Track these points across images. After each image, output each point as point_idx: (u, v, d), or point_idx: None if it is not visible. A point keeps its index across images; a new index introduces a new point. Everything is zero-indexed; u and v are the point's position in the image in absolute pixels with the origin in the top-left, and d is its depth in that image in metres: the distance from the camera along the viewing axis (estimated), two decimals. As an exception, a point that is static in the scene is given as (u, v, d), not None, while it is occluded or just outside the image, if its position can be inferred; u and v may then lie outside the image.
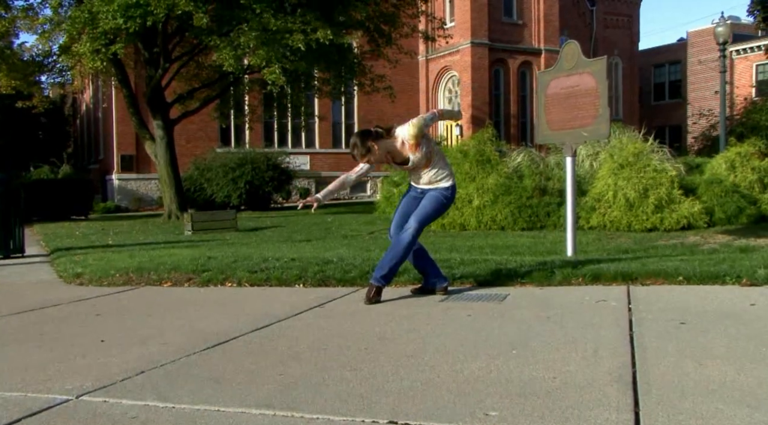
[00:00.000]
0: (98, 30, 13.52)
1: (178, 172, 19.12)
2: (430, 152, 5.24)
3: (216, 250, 9.62)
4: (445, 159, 5.46)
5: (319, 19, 14.38)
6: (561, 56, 8.05)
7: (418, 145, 5.15)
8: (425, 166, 5.27)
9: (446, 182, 5.32)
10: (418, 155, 5.19)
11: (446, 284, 5.48)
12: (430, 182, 5.31)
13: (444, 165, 5.35)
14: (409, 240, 5.23)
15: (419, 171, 5.29)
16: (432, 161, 5.27)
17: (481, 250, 8.97)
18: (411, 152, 5.18)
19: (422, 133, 5.15)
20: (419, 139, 5.13)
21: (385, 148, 5.12)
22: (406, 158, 5.20)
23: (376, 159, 5.14)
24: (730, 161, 12.63)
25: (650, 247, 9.01)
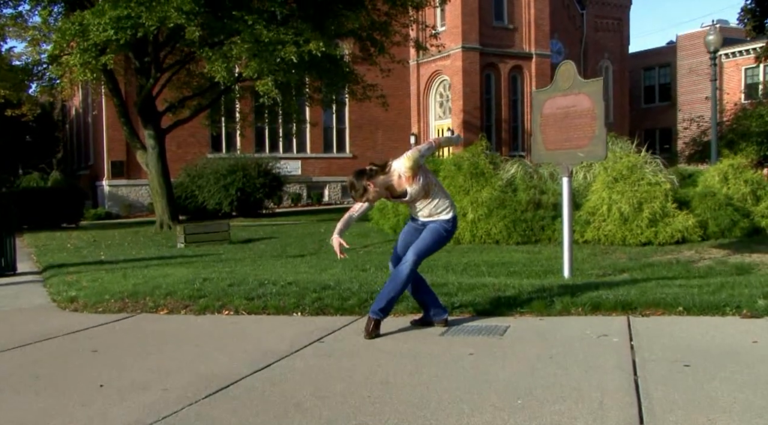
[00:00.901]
0: (88, 42, 13.42)
1: (169, 182, 19.02)
2: (428, 183, 5.21)
3: (210, 268, 9.56)
4: (444, 190, 5.43)
5: (311, 30, 14.33)
6: (557, 76, 8.03)
7: (414, 177, 5.13)
8: (424, 198, 5.24)
9: (447, 214, 5.29)
10: (415, 187, 5.16)
11: (445, 316, 5.45)
12: (431, 215, 5.28)
13: (444, 196, 5.32)
14: (407, 273, 5.19)
15: (419, 203, 5.26)
16: (431, 193, 5.24)
17: (477, 268, 8.93)
18: (408, 184, 5.15)
19: (418, 165, 5.13)
20: (416, 171, 5.11)
21: (382, 184, 5.10)
22: (404, 191, 5.17)
23: (374, 198, 5.13)
24: (723, 173, 12.66)
25: (646, 264, 9.00)
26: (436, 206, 5.27)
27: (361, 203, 5.19)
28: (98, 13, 13.07)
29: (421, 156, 5.16)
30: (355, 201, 5.20)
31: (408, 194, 5.18)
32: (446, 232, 5.30)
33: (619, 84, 42.02)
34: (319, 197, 34.17)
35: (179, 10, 12.83)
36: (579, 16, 40.32)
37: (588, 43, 40.56)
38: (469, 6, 32.43)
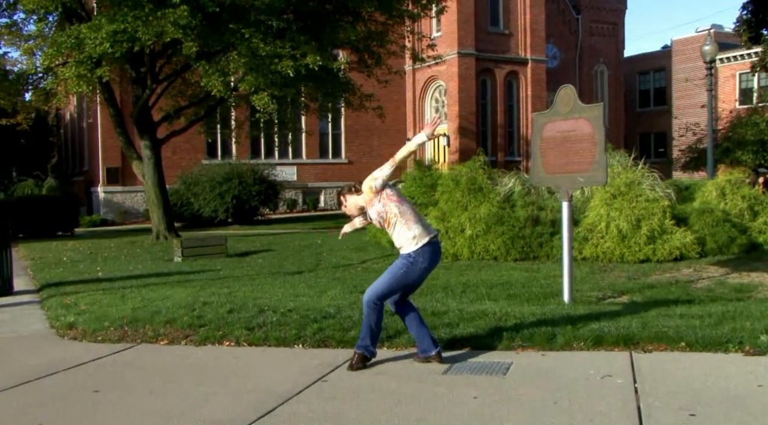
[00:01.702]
0: (84, 55, 13.36)
1: (166, 192, 18.97)
2: (386, 212, 5.09)
3: (209, 289, 9.52)
4: (414, 219, 5.11)
5: (308, 42, 14.29)
6: (556, 100, 8.02)
7: (371, 201, 5.14)
8: (387, 226, 5.17)
9: (408, 247, 5.10)
10: (371, 211, 5.18)
11: (438, 350, 5.35)
12: (399, 246, 5.22)
13: (406, 229, 5.07)
14: (366, 312, 5.22)
15: (388, 230, 5.24)
16: (391, 223, 5.11)
17: (476, 289, 8.93)
18: (368, 206, 5.20)
19: (372, 190, 5.06)
20: (370, 196, 5.11)
21: (353, 203, 5.24)
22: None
23: (351, 213, 5.32)
24: (721, 188, 12.69)
25: (645, 285, 9.00)
26: (399, 238, 5.15)
27: (354, 219, 5.43)
28: (94, 27, 13.02)
29: (375, 179, 5.06)
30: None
31: (368, 215, 5.27)
32: (405, 267, 5.08)
33: (614, 88, 42.11)
34: (315, 203, 34.13)
35: (176, 25, 12.79)
36: (574, 20, 40.37)
37: (583, 47, 40.61)
38: (464, 12, 32.43)
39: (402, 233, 5.08)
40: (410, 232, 5.06)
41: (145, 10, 13.08)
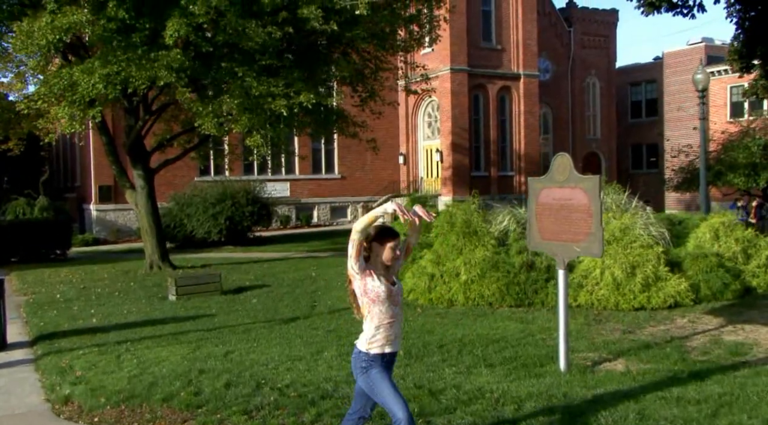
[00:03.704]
0: (77, 96, 13.31)
1: (159, 221, 18.92)
2: (361, 297, 4.65)
3: (204, 347, 9.49)
4: (379, 316, 4.63)
5: (302, 79, 14.28)
6: (552, 167, 8.04)
7: (351, 281, 4.70)
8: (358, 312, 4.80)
9: (360, 343, 4.74)
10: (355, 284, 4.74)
11: None
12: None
13: (369, 321, 4.66)
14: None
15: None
16: (361, 310, 4.71)
17: (472, 348, 8.95)
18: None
19: (351, 272, 4.62)
20: (352, 276, 4.66)
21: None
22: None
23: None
24: (714, 229, 12.74)
25: (641, 345, 9.00)
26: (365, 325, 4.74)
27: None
28: (87, 70, 12.98)
29: (350, 268, 4.61)
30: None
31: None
32: (372, 376, 4.66)
33: (607, 100, 42.28)
34: (309, 219, 34.13)
35: (169, 68, 12.76)
36: (566, 33, 40.49)
37: (575, 60, 40.75)
38: (457, 28, 32.45)
39: (365, 325, 4.70)
40: (371, 324, 4.64)
41: (138, 51, 13.06)
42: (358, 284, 4.59)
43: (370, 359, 4.64)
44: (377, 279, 4.59)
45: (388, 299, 4.59)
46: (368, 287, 4.58)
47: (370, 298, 4.58)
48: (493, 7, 34.53)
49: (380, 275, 4.62)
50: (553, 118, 40.29)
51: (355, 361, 4.74)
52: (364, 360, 4.66)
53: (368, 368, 4.64)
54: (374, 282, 4.58)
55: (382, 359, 4.67)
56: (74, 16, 12.43)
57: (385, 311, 4.63)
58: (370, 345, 4.64)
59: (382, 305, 4.60)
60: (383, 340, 4.65)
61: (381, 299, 4.58)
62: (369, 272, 4.60)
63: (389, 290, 4.61)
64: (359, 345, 4.71)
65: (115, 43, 13.04)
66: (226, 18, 13.05)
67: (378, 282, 4.58)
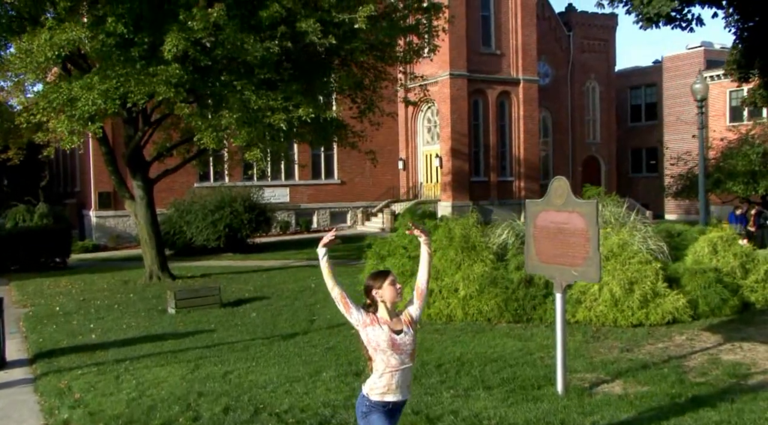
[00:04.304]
0: (77, 111, 13.33)
1: (159, 231, 18.95)
2: (368, 347, 4.63)
3: (203, 368, 9.51)
4: (382, 364, 4.60)
5: (301, 92, 14.29)
6: (550, 190, 8.06)
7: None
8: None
9: (365, 383, 4.71)
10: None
11: None
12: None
13: (375, 367, 4.64)
14: None
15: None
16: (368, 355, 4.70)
17: (470, 368, 8.98)
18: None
19: (353, 322, 4.64)
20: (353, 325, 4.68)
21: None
22: None
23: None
24: (713, 244, 12.75)
25: (638, 364, 9.03)
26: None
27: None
28: (86, 86, 12.99)
29: (345, 315, 4.66)
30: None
31: None
32: (360, 415, 4.67)
33: (606, 104, 42.28)
34: (308, 225, 34.15)
35: (168, 83, 12.78)
36: (566, 37, 40.51)
37: (575, 64, 40.76)
38: (456, 33, 32.43)
39: (373, 370, 4.68)
40: (375, 373, 4.64)
41: (137, 66, 13.08)
42: (362, 333, 4.58)
43: (371, 404, 4.60)
44: (380, 327, 4.53)
45: (390, 348, 4.52)
46: (370, 337, 4.55)
47: (372, 347, 4.56)
48: (493, 12, 34.55)
49: (385, 323, 4.55)
50: (552, 122, 40.31)
51: (357, 404, 4.73)
52: (365, 404, 4.63)
53: (368, 413, 4.61)
54: (375, 331, 4.53)
55: (383, 406, 4.59)
56: (73, 32, 12.45)
57: (387, 360, 4.55)
58: (371, 390, 4.61)
59: (383, 354, 4.54)
60: (384, 388, 4.57)
61: (382, 348, 4.53)
62: (372, 321, 4.56)
63: (391, 340, 4.52)
64: (363, 387, 4.69)
65: (114, 57, 13.06)
66: (224, 32, 13.07)
67: (380, 331, 4.52)
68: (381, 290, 4.59)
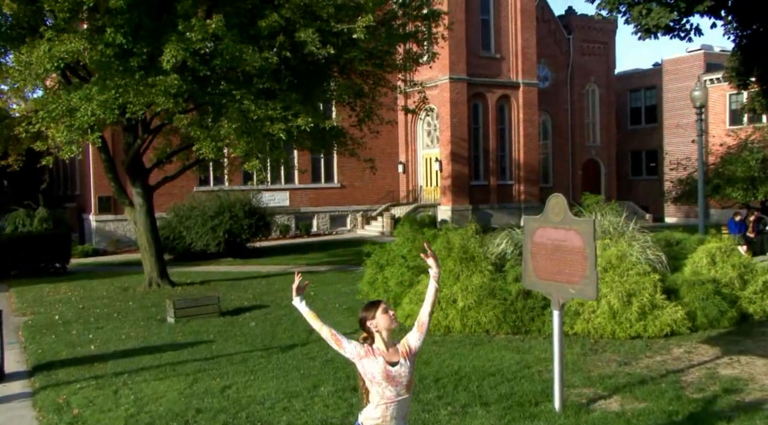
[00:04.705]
0: (76, 121, 13.34)
1: (158, 238, 18.96)
2: (364, 378, 4.62)
3: (202, 381, 9.52)
4: (377, 396, 4.57)
5: (300, 102, 14.30)
6: (547, 208, 8.07)
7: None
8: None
9: (362, 411, 4.69)
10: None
11: None
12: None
13: (371, 397, 4.61)
14: None
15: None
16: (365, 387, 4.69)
17: (468, 383, 8.99)
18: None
19: (348, 357, 4.64)
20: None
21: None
22: None
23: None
24: (711, 255, 12.76)
25: (636, 379, 9.04)
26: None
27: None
28: (85, 97, 13.00)
29: (339, 351, 4.67)
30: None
31: None
32: None
33: (606, 107, 42.31)
34: (308, 228, 34.17)
35: (167, 94, 12.80)
36: (565, 41, 40.53)
37: (574, 67, 40.78)
38: (456, 37, 32.45)
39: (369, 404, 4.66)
40: (370, 405, 4.62)
41: (136, 76, 13.09)
42: (358, 365, 4.56)
43: None
44: (375, 359, 4.51)
45: (385, 380, 4.49)
46: (366, 369, 4.53)
47: (368, 378, 4.54)
48: (492, 16, 34.55)
49: (380, 355, 4.53)
50: (552, 125, 40.33)
51: None
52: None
53: None
54: (371, 363, 4.51)
55: None
56: (72, 43, 12.47)
57: (382, 392, 4.52)
58: (366, 419, 4.60)
59: (378, 386, 4.51)
60: (379, 419, 4.55)
61: (377, 380, 4.50)
62: (366, 353, 4.53)
63: (386, 372, 4.49)
64: (360, 416, 4.67)
65: (113, 68, 13.07)
66: (223, 42, 13.07)
67: (375, 362, 4.50)
68: (375, 320, 4.59)
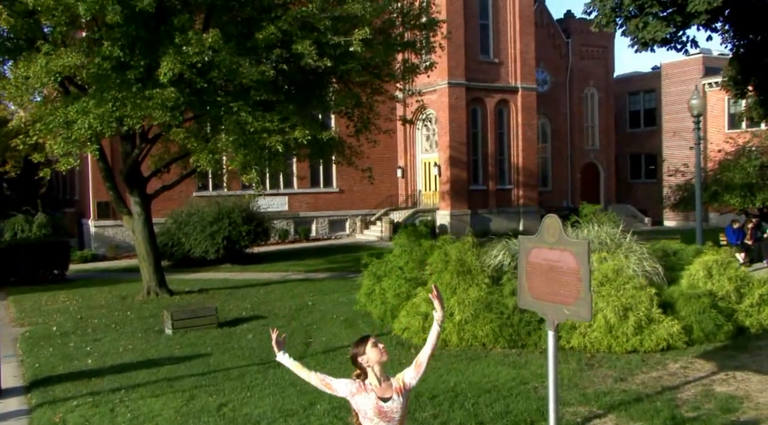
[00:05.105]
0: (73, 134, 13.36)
1: (156, 247, 18.98)
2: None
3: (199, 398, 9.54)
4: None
5: (297, 113, 14.32)
6: (542, 228, 8.06)
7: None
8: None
9: None
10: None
11: None
12: None
13: None
14: None
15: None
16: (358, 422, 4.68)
17: (464, 401, 9.01)
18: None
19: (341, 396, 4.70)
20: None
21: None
22: None
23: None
24: (708, 267, 12.76)
25: (632, 396, 9.07)
26: None
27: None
28: (82, 111, 13.01)
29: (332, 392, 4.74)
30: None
31: None
32: None
33: (605, 110, 42.34)
34: (307, 233, 34.19)
35: (164, 107, 12.81)
36: (564, 44, 40.55)
37: (573, 71, 40.80)
38: (454, 42, 32.41)
39: None
40: None
41: (133, 89, 13.11)
42: (352, 402, 4.58)
43: None
44: (367, 395, 4.52)
45: (377, 416, 4.50)
46: (359, 405, 4.55)
47: (361, 414, 4.56)
48: (491, 21, 34.55)
49: (372, 390, 4.54)
50: (551, 129, 40.36)
51: None
52: None
53: None
54: (363, 399, 4.52)
55: None
56: (69, 58, 12.49)
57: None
58: None
59: (370, 422, 4.52)
60: None
61: (369, 416, 4.51)
62: (358, 389, 4.55)
63: (378, 407, 4.49)
64: None
65: (110, 81, 13.08)
66: (220, 55, 13.09)
67: (367, 398, 4.51)
68: (366, 356, 4.60)
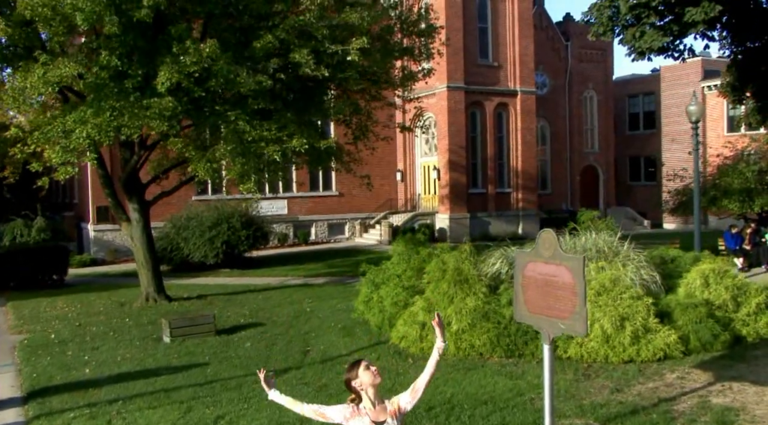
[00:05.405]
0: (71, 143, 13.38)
1: (155, 254, 18.99)
2: None
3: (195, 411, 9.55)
4: None
5: (295, 121, 14.33)
6: (537, 242, 8.08)
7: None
8: None
9: None
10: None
11: None
12: None
13: None
14: None
15: None
16: None
17: (460, 413, 9.02)
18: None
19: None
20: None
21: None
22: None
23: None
24: (705, 276, 12.76)
25: (628, 408, 9.08)
26: None
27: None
28: (80, 121, 13.03)
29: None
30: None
31: None
32: None
33: (604, 112, 42.35)
34: (306, 237, 34.19)
35: (161, 116, 12.83)
36: (563, 47, 40.57)
37: (573, 73, 40.82)
38: (454, 45, 32.43)
39: None
40: None
41: (131, 98, 13.12)
42: None
43: None
44: (361, 419, 4.57)
45: None
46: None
47: None
48: (490, 24, 34.56)
49: (366, 414, 4.58)
50: (550, 132, 40.38)
51: None
52: None
53: None
54: (357, 423, 4.57)
55: None
56: (66, 68, 12.51)
57: None
58: None
59: None
60: None
61: None
62: (352, 413, 4.59)
63: None
64: None
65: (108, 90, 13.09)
66: (218, 64, 13.10)
67: (361, 422, 4.56)
68: (359, 379, 4.64)
